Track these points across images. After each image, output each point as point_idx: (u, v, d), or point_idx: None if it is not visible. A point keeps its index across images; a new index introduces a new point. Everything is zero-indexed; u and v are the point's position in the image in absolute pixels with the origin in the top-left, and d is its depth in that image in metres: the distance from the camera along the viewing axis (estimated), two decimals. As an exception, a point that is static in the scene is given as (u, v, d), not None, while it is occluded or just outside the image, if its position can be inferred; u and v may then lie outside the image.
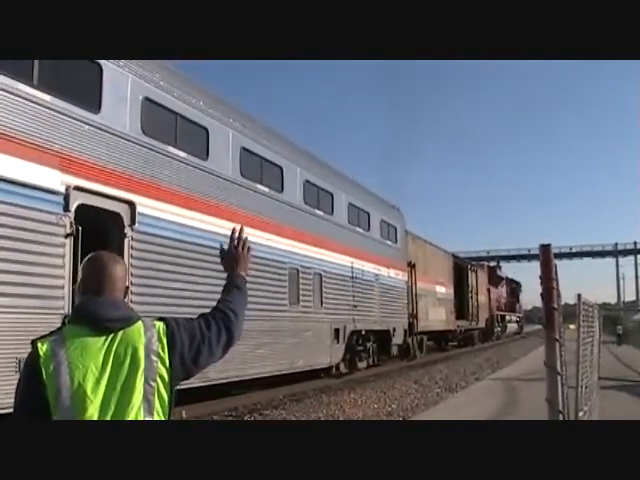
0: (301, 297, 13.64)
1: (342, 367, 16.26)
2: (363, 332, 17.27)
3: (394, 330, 19.64)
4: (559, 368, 2.87)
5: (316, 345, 14.29)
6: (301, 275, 13.72)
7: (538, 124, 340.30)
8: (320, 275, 14.72)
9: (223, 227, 10.75)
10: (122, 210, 8.47)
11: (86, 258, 2.14)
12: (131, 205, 8.60)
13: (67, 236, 7.46)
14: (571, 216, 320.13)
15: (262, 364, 11.59)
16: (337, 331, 15.40)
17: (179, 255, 9.58)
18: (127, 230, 8.46)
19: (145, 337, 1.98)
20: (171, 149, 9.74)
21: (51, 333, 2.00)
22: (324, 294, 14.82)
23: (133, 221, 8.56)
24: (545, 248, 3.04)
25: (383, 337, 19.05)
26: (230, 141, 11.43)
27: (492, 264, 56.36)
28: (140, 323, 2.02)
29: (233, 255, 2.40)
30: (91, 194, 7.94)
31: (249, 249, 2.44)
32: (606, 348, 21.53)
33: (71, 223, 7.52)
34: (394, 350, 19.99)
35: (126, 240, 8.41)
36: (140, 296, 8.35)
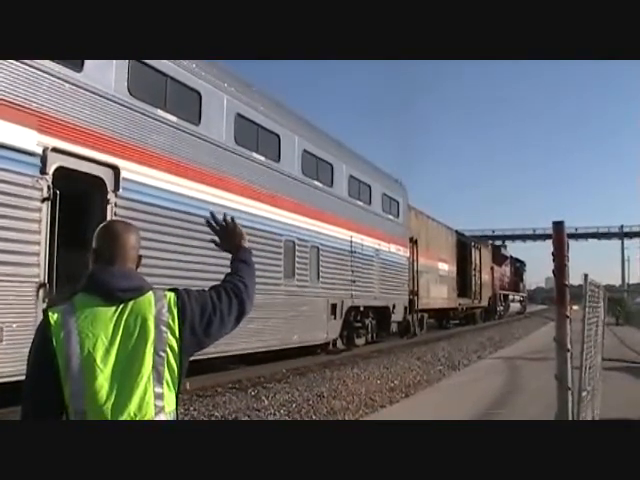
0: (297, 271, 13.27)
1: (339, 343, 15.96)
2: (361, 308, 16.96)
3: (394, 307, 19.32)
4: (568, 345, 2.79)
5: (312, 320, 13.96)
6: (297, 248, 13.33)
7: (546, 106, 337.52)
8: (317, 248, 14.33)
9: (215, 196, 10.35)
10: (105, 174, 8.03)
11: (100, 226, 2.12)
12: (115, 169, 8.16)
13: (44, 200, 7.04)
14: (577, 197, 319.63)
15: (253, 339, 11.21)
16: (334, 306, 15.06)
17: (167, 224, 9.17)
18: (110, 196, 8.03)
19: (155, 308, 1.97)
20: (160, 112, 9.29)
21: (62, 302, 2.00)
22: (321, 268, 14.44)
23: (117, 186, 8.13)
24: (558, 225, 3.07)
25: (382, 314, 18.74)
26: (224, 106, 10.96)
27: (497, 243, 56.04)
28: (151, 293, 2.01)
29: (226, 236, 2.39)
30: (71, 156, 7.50)
31: (233, 220, 2.39)
32: (609, 330, 21.25)
33: (48, 187, 7.10)
34: (393, 327, 19.70)
35: (109, 206, 7.98)
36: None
